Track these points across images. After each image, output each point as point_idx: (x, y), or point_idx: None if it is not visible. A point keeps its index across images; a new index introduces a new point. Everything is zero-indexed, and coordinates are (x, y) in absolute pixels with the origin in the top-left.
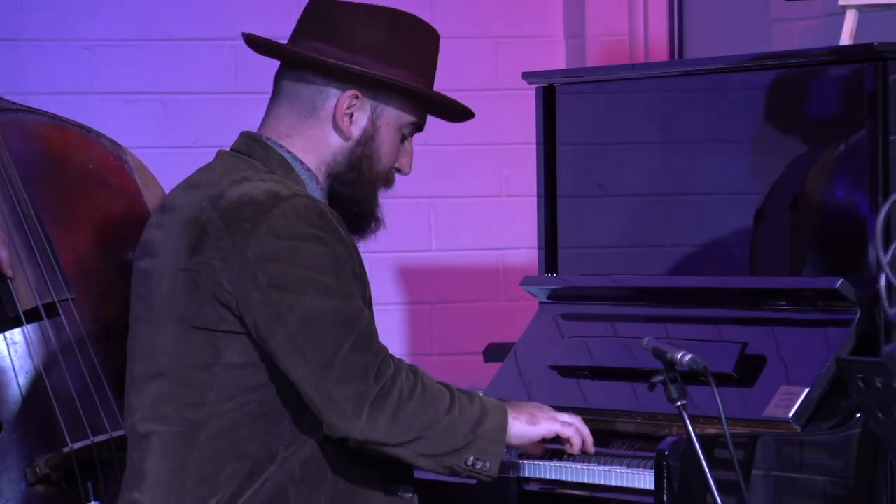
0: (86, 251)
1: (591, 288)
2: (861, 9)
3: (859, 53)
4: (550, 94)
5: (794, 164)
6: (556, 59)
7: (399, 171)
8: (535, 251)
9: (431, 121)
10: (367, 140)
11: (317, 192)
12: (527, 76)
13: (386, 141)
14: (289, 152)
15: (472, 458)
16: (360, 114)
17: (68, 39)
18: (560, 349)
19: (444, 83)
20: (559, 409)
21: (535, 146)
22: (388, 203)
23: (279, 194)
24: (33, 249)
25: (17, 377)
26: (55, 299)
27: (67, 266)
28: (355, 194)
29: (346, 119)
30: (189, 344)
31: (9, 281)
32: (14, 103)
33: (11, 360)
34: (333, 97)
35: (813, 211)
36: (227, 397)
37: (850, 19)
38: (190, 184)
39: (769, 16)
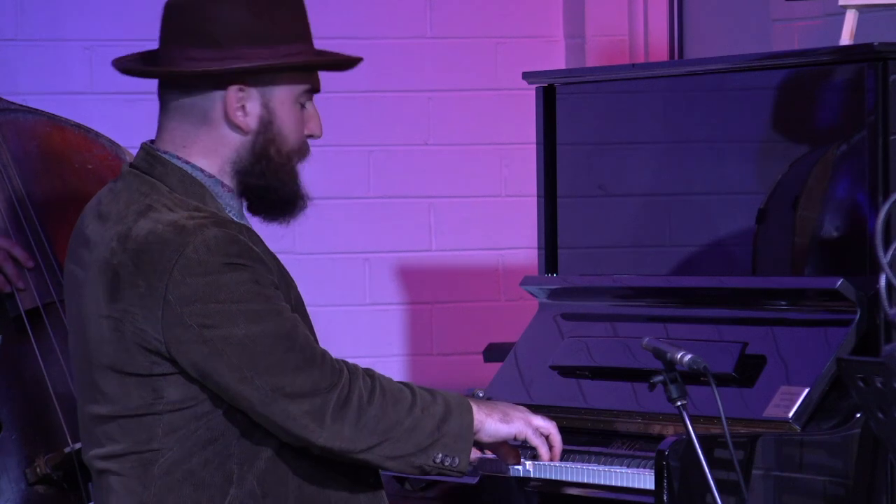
0: None
1: (591, 288)
2: (861, 9)
3: (859, 53)
4: (550, 94)
5: (793, 164)
6: (556, 59)
7: (311, 136)
8: (535, 251)
9: (431, 121)
10: (266, 126)
11: (224, 195)
12: (527, 76)
13: (286, 119)
14: (187, 163)
15: (440, 456)
16: (251, 104)
17: (68, 39)
18: (560, 349)
19: (445, 83)
20: (561, 409)
21: (535, 146)
22: (388, 203)
23: (185, 228)
24: (33, 249)
25: (17, 377)
26: (55, 299)
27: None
28: (270, 182)
29: (239, 114)
30: (127, 389)
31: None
32: (13, 103)
33: (12, 360)
34: (220, 98)
35: (813, 211)
36: (173, 430)
37: (850, 19)
38: (100, 213)
39: (769, 16)
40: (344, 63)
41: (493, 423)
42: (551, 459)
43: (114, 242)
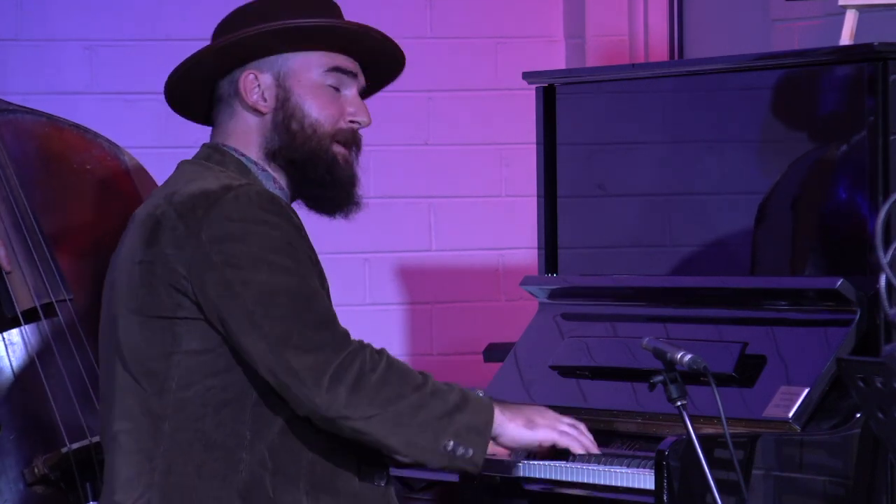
0: (83, 251)
1: (591, 288)
2: (861, 9)
3: (859, 53)
4: (550, 94)
5: (794, 164)
6: (556, 59)
7: (357, 123)
8: (535, 251)
9: (431, 121)
10: (283, 103)
11: (276, 191)
12: (527, 76)
13: (306, 95)
14: (243, 155)
15: (451, 443)
16: (267, 85)
17: (68, 39)
18: (560, 349)
19: (445, 83)
20: (561, 409)
21: (535, 146)
22: (388, 203)
23: (231, 185)
24: (31, 250)
25: (15, 377)
26: (53, 300)
27: (65, 266)
28: (299, 159)
29: (256, 96)
30: (148, 334)
31: (7, 281)
32: (11, 104)
33: (10, 361)
34: (233, 84)
35: (813, 211)
36: (186, 385)
37: (850, 19)
38: (151, 194)
39: (769, 16)
40: (364, 37)
41: (516, 427)
42: (587, 451)
43: (160, 200)
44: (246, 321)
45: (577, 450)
